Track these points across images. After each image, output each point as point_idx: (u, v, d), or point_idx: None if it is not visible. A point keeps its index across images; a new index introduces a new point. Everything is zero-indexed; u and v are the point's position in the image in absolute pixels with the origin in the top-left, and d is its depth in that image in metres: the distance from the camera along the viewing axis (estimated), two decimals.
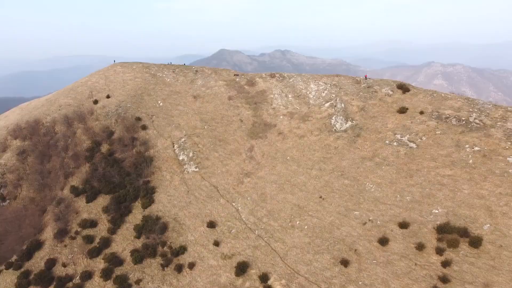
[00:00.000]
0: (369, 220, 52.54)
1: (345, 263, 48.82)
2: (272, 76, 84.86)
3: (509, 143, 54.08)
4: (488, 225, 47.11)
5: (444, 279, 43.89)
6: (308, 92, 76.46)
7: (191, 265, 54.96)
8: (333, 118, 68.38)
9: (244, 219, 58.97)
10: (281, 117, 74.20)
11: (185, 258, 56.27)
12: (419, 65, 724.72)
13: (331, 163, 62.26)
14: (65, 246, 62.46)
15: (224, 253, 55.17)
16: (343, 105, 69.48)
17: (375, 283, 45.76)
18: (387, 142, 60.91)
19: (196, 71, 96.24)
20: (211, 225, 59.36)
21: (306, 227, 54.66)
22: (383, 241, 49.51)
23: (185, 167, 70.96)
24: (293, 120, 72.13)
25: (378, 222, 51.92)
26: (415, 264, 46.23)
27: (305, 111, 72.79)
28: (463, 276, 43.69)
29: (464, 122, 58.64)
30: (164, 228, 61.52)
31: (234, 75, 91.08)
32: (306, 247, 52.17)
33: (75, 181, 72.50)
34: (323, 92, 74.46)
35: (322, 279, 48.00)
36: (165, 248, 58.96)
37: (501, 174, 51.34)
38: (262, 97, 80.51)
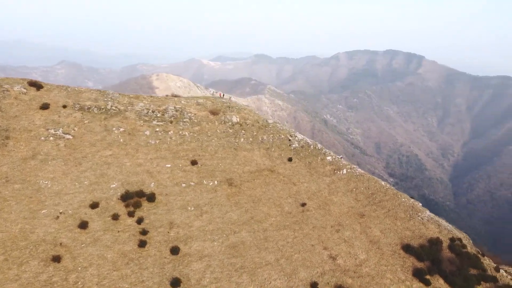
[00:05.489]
0: (60, 213, 54.27)
1: (57, 259, 49.25)
2: None
3: (142, 121, 70.77)
4: (153, 183, 62.25)
5: (144, 232, 55.27)
6: None
7: None
8: None
9: None
10: None
11: None
12: None
13: None
14: None
15: None
16: None
17: (93, 261, 50.32)
18: (42, 138, 61.57)
19: None
20: None
21: None
22: (83, 225, 53.62)
23: None
24: None
25: (70, 211, 54.81)
26: (118, 231, 54.49)
27: None
28: (154, 224, 56.97)
29: (104, 110, 69.39)
30: None
31: None
32: (1, 266, 47.33)
33: None
34: None
35: (41, 285, 46.60)
36: None
37: (145, 145, 67.37)
38: None
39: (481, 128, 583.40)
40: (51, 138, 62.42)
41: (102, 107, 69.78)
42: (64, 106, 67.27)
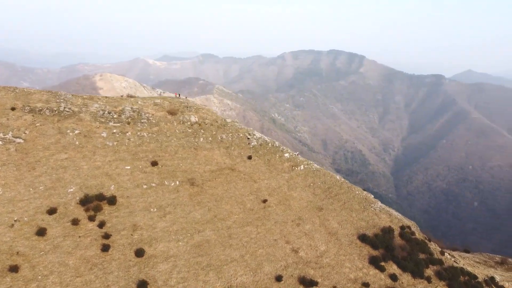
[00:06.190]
0: (15, 220, 51.60)
1: (14, 269, 46.87)
2: None
3: (98, 123, 68.69)
4: (113, 185, 60.85)
5: (106, 236, 53.85)
6: None
7: None
8: None
9: None
10: None
11: None
12: None
13: None
14: None
15: None
16: None
17: (54, 269, 48.54)
18: None
19: None
20: None
21: None
22: (41, 232, 51.34)
23: None
24: None
25: (26, 218, 52.28)
26: (79, 236, 52.84)
27: None
28: (117, 227, 55.83)
29: (57, 112, 66.46)
30: None
31: None
32: None
33: None
34: None
35: None
36: None
37: (103, 147, 65.55)
38: None
39: (418, 124, 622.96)
40: (0, 143, 58.96)
41: (55, 108, 66.79)
42: (13, 109, 63.62)
